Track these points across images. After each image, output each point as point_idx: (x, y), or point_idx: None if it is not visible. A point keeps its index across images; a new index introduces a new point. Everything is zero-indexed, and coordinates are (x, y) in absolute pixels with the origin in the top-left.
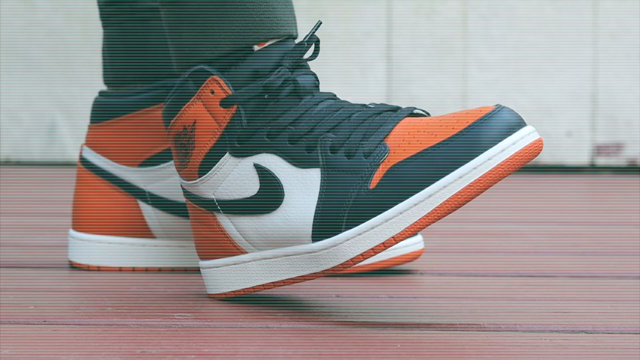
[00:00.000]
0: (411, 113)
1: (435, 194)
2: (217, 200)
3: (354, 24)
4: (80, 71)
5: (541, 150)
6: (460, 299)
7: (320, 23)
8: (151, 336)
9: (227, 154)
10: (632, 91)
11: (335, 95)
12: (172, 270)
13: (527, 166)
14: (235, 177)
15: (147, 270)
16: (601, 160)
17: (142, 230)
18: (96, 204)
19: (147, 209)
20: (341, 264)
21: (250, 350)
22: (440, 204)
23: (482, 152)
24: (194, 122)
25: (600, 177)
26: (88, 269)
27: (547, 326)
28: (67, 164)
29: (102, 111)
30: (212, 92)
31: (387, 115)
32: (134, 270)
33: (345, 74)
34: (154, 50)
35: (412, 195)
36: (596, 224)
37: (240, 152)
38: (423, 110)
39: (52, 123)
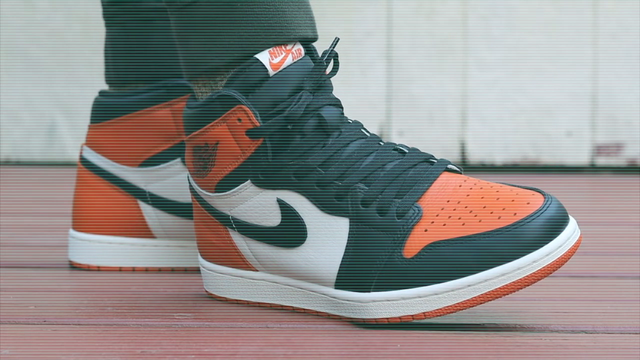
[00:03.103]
0: (446, 168)
1: (474, 285)
2: (232, 218)
3: (354, 24)
4: (80, 71)
5: (579, 246)
6: None
7: (338, 40)
8: (151, 336)
9: (249, 181)
10: (632, 91)
11: (362, 125)
12: (172, 270)
13: (527, 166)
14: (254, 204)
15: (147, 270)
16: (601, 160)
17: (142, 230)
18: (96, 204)
19: (147, 209)
20: (363, 319)
21: (250, 350)
22: (478, 296)
23: (527, 254)
24: (217, 143)
25: (600, 177)
26: (88, 269)
27: (547, 326)
28: (67, 164)
29: (102, 111)
30: (239, 120)
31: (421, 169)
32: (134, 270)
33: (345, 74)
34: (157, 50)
35: (451, 280)
36: (596, 224)
37: (264, 184)
38: (457, 166)
39: (52, 123)
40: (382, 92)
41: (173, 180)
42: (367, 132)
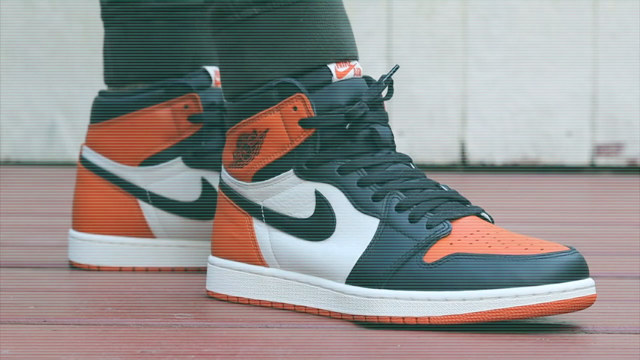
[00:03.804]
0: (478, 214)
1: (486, 299)
2: (263, 209)
3: (354, 24)
4: (80, 71)
5: (591, 305)
6: None
7: (398, 67)
8: (151, 336)
9: (291, 170)
10: (632, 91)
11: (411, 160)
12: (172, 270)
13: (527, 166)
14: (291, 194)
15: (147, 270)
16: (601, 160)
17: (142, 230)
18: (96, 203)
19: (147, 209)
20: (366, 316)
21: (250, 350)
22: (488, 311)
23: (545, 284)
24: (266, 130)
25: (600, 177)
26: (88, 269)
27: (546, 326)
28: (67, 164)
29: (102, 111)
30: (295, 109)
31: (458, 205)
32: (134, 270)
33: None
34: (157, 50)
35: (464, 290)
36: (596, 224)
37: (306, 176)
38: (489, 216)
39: (52, 123)
40: (382, 92)
41: (173, 179)
42: (414, 165)
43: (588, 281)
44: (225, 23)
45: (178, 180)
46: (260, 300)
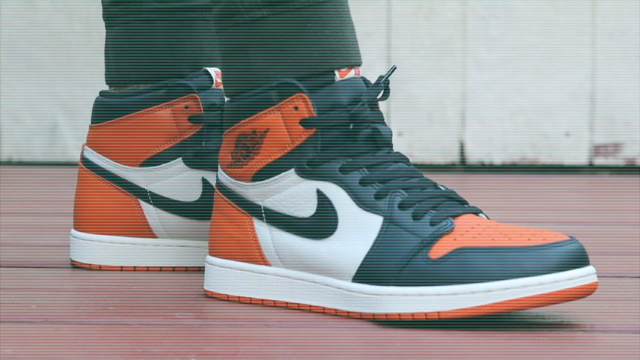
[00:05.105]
0: (476, 213)
1: (495, 291)
2: (264, 208)
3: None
4: (81, 71)
5: (593, 292)
6: None
7: (395, 68)
8: (152, 335)
9: (292, 170)
10: (630, 91)
11: (408, 160)
12: (173, 269)
13: (526, 166)
14: (292, 194)
15: (148, 269)
16: (599, 160)
17: (143, 230)
18: (98, 203)
19: (148, 209)
20: (374, 314)
21: (250, 350)
22: (496, 303)
23: (551, 272)
24: (267, 130)
25: (599, 177)
26: (89, 268)
27: (545, 325)
28: (69, 164)
29: (103, 111)
30: (296, 109)
31: (457, 204)
32: (135, 269)
33: None
34: (159, 51)
35: (472, 283)
36: (595, 224)
37: (308, 175)
38: (486, 216)
39: (53, 123)
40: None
41: (174, 179)
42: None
43: (590, 269)
44: (232, 22)
45: (179, 180)
46: (262, 300)
